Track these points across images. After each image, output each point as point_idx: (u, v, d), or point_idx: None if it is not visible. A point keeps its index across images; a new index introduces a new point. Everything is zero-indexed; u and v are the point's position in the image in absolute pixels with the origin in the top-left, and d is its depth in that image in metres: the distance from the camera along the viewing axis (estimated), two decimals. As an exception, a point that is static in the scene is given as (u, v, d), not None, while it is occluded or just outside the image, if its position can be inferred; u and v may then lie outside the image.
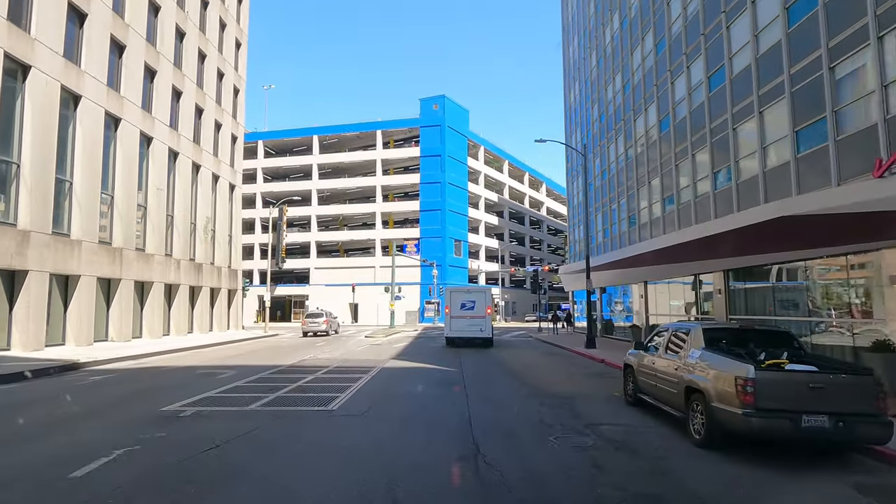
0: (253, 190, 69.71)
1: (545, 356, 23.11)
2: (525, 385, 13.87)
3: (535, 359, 21.83)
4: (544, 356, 23.11)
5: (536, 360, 21.10)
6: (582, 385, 14.02)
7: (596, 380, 15.13)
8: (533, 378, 15.42)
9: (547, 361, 20.70)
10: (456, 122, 66.87)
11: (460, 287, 31.84)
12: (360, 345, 28.76)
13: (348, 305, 64.00)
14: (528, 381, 14.54)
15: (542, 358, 22.26)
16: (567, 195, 40.48)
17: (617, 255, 25.04)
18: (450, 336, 28.20)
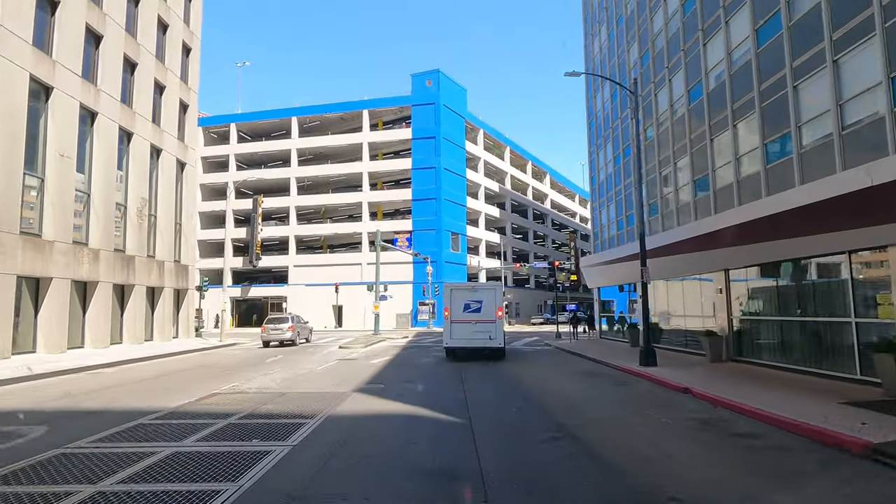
0: (224, 178, 62.07)
1: (588, 380, 15.72)
2: (597, 461, 6.53)
3: (576, 387, 14.42)
4: (586, 380, 15.72)
5: (580, 391, 13.71)
6: (717, 463, 6.63)
7: (725, 443, 7.73)
8: (599, 439, 8.02)
9: (600, 394, 13.30)
10: (452, 101, 59.51)
11: (463, 284, 24.49)
12: (325, 360, 21.35)
13: (331, 308, 56.53)
14: (596, 449, 7.22)
15: (585, 384, 14.87)
16: (591, 170, 33.15)
17: (678, 233, 17.68)
18: (450, 346, 21.31)
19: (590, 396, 12.62)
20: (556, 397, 12.34)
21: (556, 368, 18.80)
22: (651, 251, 20.12)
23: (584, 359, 21.82)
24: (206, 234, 62.44)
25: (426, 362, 20.56)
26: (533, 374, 16.82)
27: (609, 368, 18.37)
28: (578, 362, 20.75)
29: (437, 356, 23.04)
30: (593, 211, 32.74)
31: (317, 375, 16.37)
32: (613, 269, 27.29)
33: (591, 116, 33.37)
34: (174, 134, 33.75)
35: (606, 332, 31.40)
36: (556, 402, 11.68)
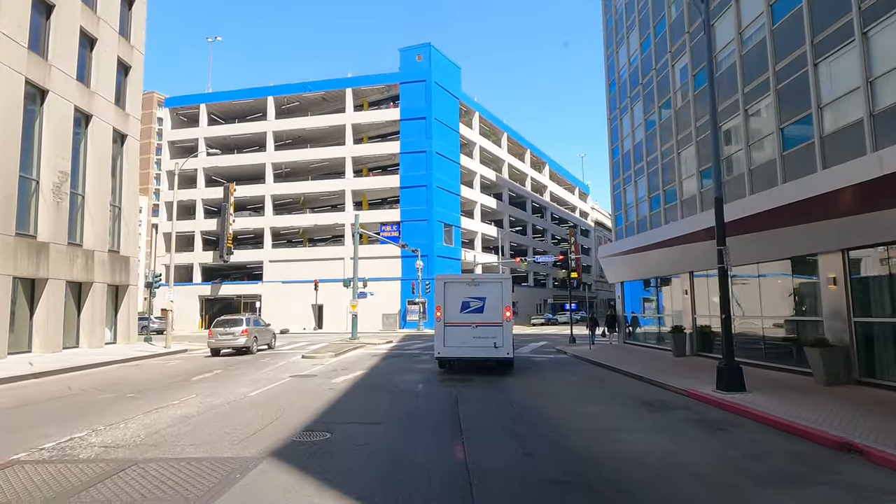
0: (194, 165, 56.24)
1: (653, 418, 10.25)
2: None
3: (644, 437, 8.87)
4: (651, 419, 10.24)
5: (654, 444, 8.19)
6: None
7: None
8: None
9: (691, 454, 7.78)
10: (445, 79, 53.94)
11: (460, 276, 19.00)
12: (273, 378, 15.77)
13: (311, 308, 50.82)
14: None
15: (654, 430, 9.36)
16: (612, 141, 27.69)
17: (763, 201, 12.17)
18: (444, 356, 16.41)
19: (679, 461, 7.06)
20: (622, 460, 6.82)
21: (592, 391, 13.27)
22: (700, 232, 14.70)
23: (623, 375, 16.32)
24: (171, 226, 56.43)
25: (409, 381, 14.99)
26: (566, 405, 11.28)
27: (669, 393, 12.85)
28: (617, 380, 15.24)
29: (425, 369, 17.51)
30: (614, 190, 27.34)
31: (240, 409, 10.78)
32: (644, 258, 21.89)
33: (611, 77, 27.89)
34: (110, 98, 27.97)
35: (632, 336, 25.95)
36: (629, 472, 6.16)
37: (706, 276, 18.60)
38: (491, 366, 16.80)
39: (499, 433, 8.69)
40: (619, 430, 8.82)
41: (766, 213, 11.91)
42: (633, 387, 13.90)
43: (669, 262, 20.25)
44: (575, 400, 11.88)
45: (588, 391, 13.27)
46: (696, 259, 18.13)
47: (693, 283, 19.25)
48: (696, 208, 18.42)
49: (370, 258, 50.45)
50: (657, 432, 8.76)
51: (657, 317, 23.06)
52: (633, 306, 26.21)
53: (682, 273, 19.82)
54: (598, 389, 13.57)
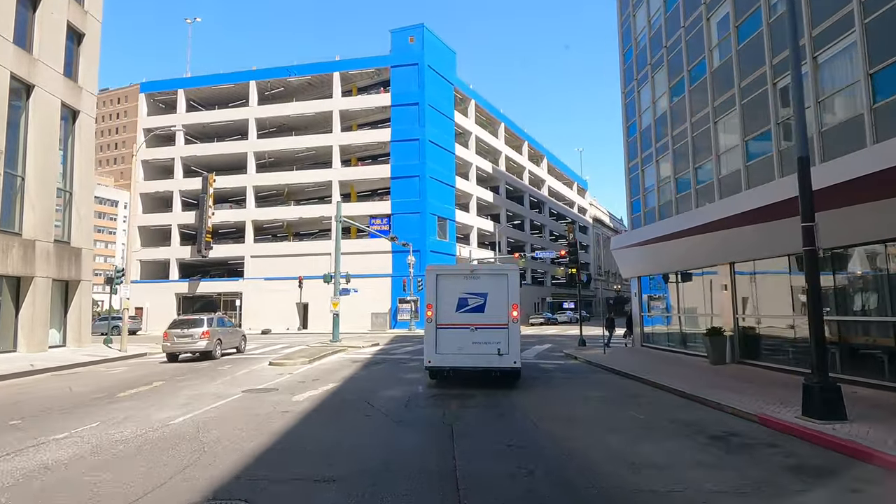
0: (171, 154, 52.82)
1: (732, 465, 7.06)
2: None
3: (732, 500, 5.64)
4: (730, 466, 7.05)
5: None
6: None
7: None
8: None
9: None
10: (439, 63, 50.68)
11: (456, 267, 15.84)
12: (224, 393, 12.61)
13: (295, 306, 47.49)
14: None
15: (744, 489, 6.11)
16: (627, 117, 24.55)
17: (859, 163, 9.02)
18: (436, 365, 13.25)
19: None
20: None
21: (629, 415, 10.10)
22: (752, 213, 11.57)
23: (657, 388, 13.17)
24: (148, 219, 53.00)
25: (390, 399, 11.77)
26: (606, 441, 8.11)
27: (734, 419, 9.70)
28: (653, 397, 12.07)
29: (413, 380, 14.32)
30: (630, 173, 24.18)
31: (141, 450, 7.58)
32: (667, 249, 18.79)
33: (625, 46, 24.71)
34: (57, 68, 24.58)
35: (650, 339, 22.82)
36: None
37: (753, 267, 15.49)
38: (497, 380, 13.62)
39: (518, 503, 5.50)
40: (703, 494, 5.64)
41: (863, 181, 8.76)
42: (680, 408, 10.73)
43: (702, 253, 17.13)
44: (613, 431, 8.69)
45: (624, 414, 10.10)
46: (740, 247, 15.02)
47: (734, 276, 16.13)
48: (741, 185, 15.29)
49: (358, 253, 47.21)
50: (760, 497, 5.59)
51: (688, 316, 19.93)
52: (645, 303, 23.11)
53: (719, 264, 16.70)
54: (636, 411, 10.40)
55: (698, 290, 18.91)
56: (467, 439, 8.07)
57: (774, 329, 14.66)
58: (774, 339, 14.68)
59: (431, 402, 11.25)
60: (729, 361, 15.97)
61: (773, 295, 15.07)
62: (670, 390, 12.60)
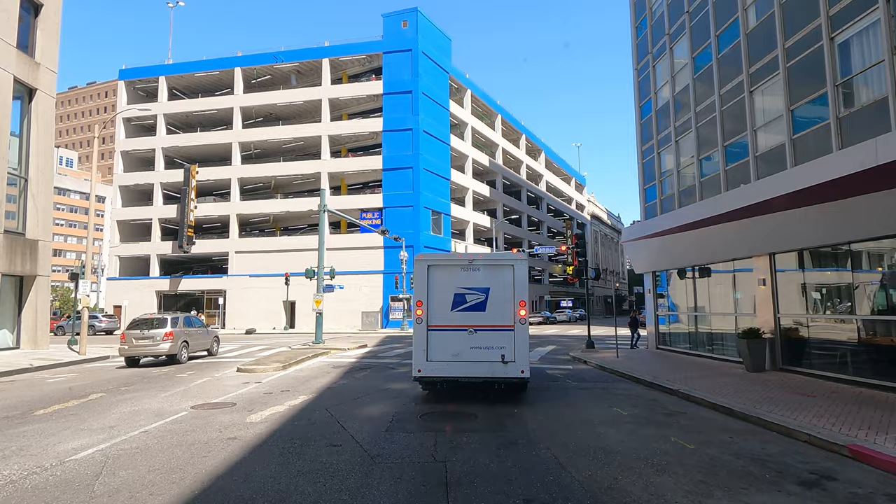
0: (151, 145, 50.22)
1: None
2: None
3: None
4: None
5: None
6: None
7: None
8: None
9: None
10: (434, 50, 48.31)
11: (450, 257, 13.45)
12: (166, 411, 10.34)
13: (282, 304, 45.08)
14: None
15: None
16: (640, 96, 22.30)
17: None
18: (427, 375, 11.04)
19: None
20: None
21: (674, 444, 7.81)
22: (802, 193, 9.37)
23: (695, 403, 10.93)
24: (127, 213, 50.41)
25: (369, 420, 9.48)
26: (657, 489, 5.81)
27: (814, 450, 7.49)
28: (695, 415, 9.81)
29: (400, 392, 12.01)
30: (643, 158, 21.92)
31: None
32: (689, 240, 16.58)
33: (639, 16, 22.40)
34: (9, 40, 22.11)
35: (666, 340, 20.57)
36: None
37: (799, 259, 13.25)
38: (501, 392, 11.34)
39: None
40: None
41: None
42: (735, 433, 8.46)
43: (732, 243, 14.92)
44: (665, 472, 6.42)
45: (669, 444, 7.81)
46: (785, 234, 12.79)
47: (775, 268, 13.89)
48: (785, 160, 13.05)
49: (348, 249, 44.88)
50: None
51: (714, 315, 17.70)
52: (668, 302, 20.87)
53: (756, 256, 14.47)
54: (681, 437, 8.12)
55: (727, 285, 16.68)
56: (467, 490, 5.77)
57: (830, 331, 12.43)
58: (830, 343, 12.44)
59: (420, 425, 8.95)
60: (769, 368, 13.74)
61: (828, 291, 12.84)
62: (712, 406, 10.34)
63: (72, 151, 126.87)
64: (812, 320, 12.90)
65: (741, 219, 13.87)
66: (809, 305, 12.94)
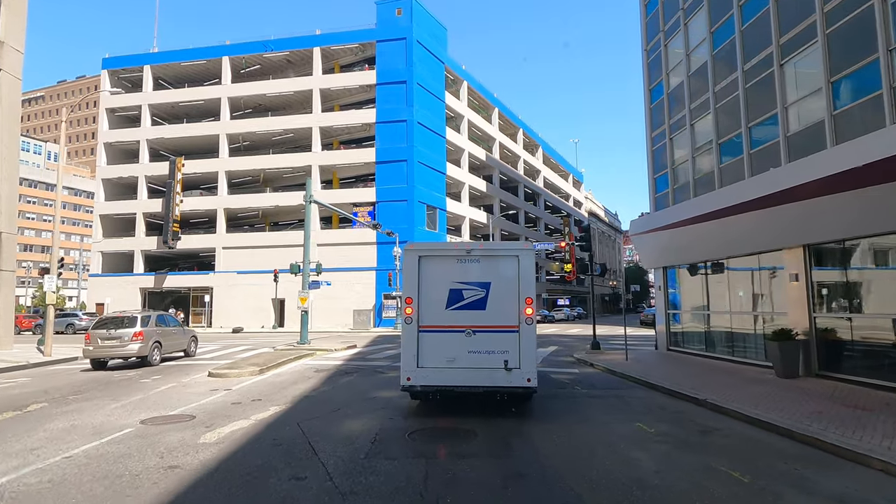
0: (135, 136, 48.44)
1: None
2: None
3: None
4: None
5: None
6: None
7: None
8: None
9: None
10: (429, 39, 46.68)
11: (444, 246, 11.89)
12: (110, 426, 8.81)
13: (271, 302, 43.42)
14: None
15: None
16: (649, 80, 20.78)
17: None
18: (417, 384, 9.40)
19: None
20: None
21: (720, 473, 6.27)
22: (856, 174, 7.93)
23: (728, 417, 9.42)
24: (110, 207, 48.59)
25: (346, 439, 7.95)
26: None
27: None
28: (736, 435, 8.29)
29: (388, 403, 10.46)
30: (653, 144, 20.41)
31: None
32: (705, 232, 15.11)
33: None
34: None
35: (678, 341, 19.08)
36: None
37: (840, 252, 11.76)
38: (503, 404, 9.78)
39: None
40: None
41: None
42: (792, 459, 6.94)
43: (758, 234, 13.43)
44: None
45: (718, 475, 6.28)
46: (823, 223, 11.29)
47: (810, 262, 12.39)
48: (825, 139, 11.56)
49: (340, 245, 43.31)
50: None
51: (735, 314, 16.20)
52: (674, 298, 19.39)
53: (787, 248, 12.97)
54: (728, 464, 6.60)
55: (750, 281, 15.19)
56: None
57: (878, 332, 10.92)
58: (879, 346, 10.94)
59: (407, 448, 7.39)
60: (802, 374, 12.25)
61: (877, 286, 11.35)
62: (751, 421, 8.82)
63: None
64: (855, 320, 11.41)
65: (770, 207, 12.37)
66: (853, 303, 11.45)
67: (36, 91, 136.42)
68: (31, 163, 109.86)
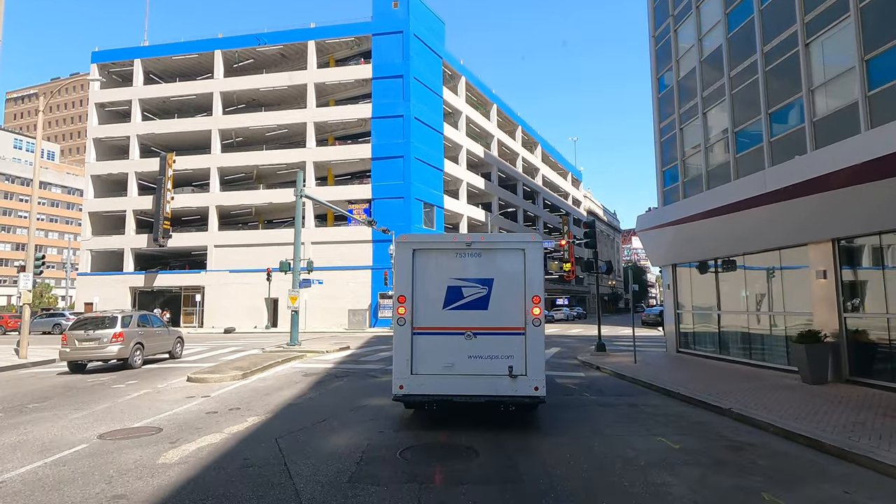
0: (126, 132, 47.26)
1: None
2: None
3: None
4: None
5: None
6: None
7: None
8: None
9: None
10: (426, 33, 45.63)
11: (441, 239, 10.89)
12: (62, 442, 7.73)
13: (264, 301, 42.34)
14: None
15: None
16: (656, 70, 19.89)
17: None
18: (411, 393, 8.35)
19: None
20: None
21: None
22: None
23: (759, 430, 8.41)
24: (100, 204, 47.44)
25: (328, 457, 6.93)
26: None
27: None
28: (772, 454, 7.29)
29: (378, 412, 9.47)
30: (661, 136, 19.42)
31: None
32: (719, 227, 14.18)
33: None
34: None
35: (688, 342, 18.09)
36: None
37: (877, 247, 10.78)
38: (502, 411, 8.75)
39: None
40: None
41: None
42: (844, 481, 5.94)
43: (777, 228, 12.47)
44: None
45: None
46: (855, 215, 10.30)
47: (839, 258, 11.41)
48: (859, 123, 10.57)
49: (335, 242, 42.30)
50: None
51: (752, 314, 15.22)
52: (685, 297, 18.40)
53: (813, 243, 12.01)
54: (776, 492, 5.60)
55: (768, 279, 14.21)
56: None
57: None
58: None
59: (398, 470, 6.38)
60: (832, 379, 11.27)
61: None
62: (787, 435, 7.84)
63: (53, 144, 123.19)
64: (893, 321, 10.42)
65: (794, 198, 11.39)
66: (889, 302, 10.45)
67: (29, 88, 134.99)
68: (23, 160, 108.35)
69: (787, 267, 13.43)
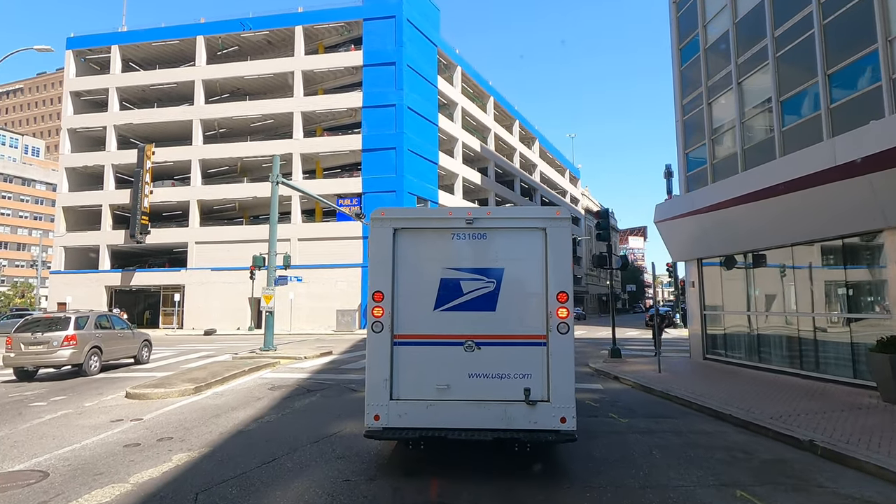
0: (103, 122, 44.70)
1: None
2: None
3: None
4: None
5: None
6: None
7: None
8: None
9: None
10: (420, 19, 43.30)
11: (433, 215, 8.34)
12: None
13: (248, 301, 39.93)
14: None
15: None
16: (678, 39, 17.77)
17: None
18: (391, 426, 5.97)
19: None
20: None
21: None
22: None
23: (875, 478, 6.10)
24: (74, 199, 44.86)
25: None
26: None
27: None
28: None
29: (347, 443, 7.12)
30: (684, 114, 17.19)
31: None
32: (759, 213, 11.97)
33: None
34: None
35: (716, 347, 15.86)
36: None
37: None
38: (514, 451, 6.44)
39: None
40: None
41: None
42: None
43: (837, 213, 10.24)
44: None
45: None
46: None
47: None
48: None
49: (323, 239, 39.95)
50: None
51: (801, 315, 12.99)
52: (713, 296, 16.18)
53: (890, 229, 9.74)
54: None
55: (824, 273, 11.99)
56: None
57: None
58: None
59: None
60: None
61: None
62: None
63: (38, 140, 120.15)
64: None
65: (869, 173, 9.16)
66: None
67: (14, 83, 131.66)
68: (6, 156, 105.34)
69: (854, 266, 11.21)
